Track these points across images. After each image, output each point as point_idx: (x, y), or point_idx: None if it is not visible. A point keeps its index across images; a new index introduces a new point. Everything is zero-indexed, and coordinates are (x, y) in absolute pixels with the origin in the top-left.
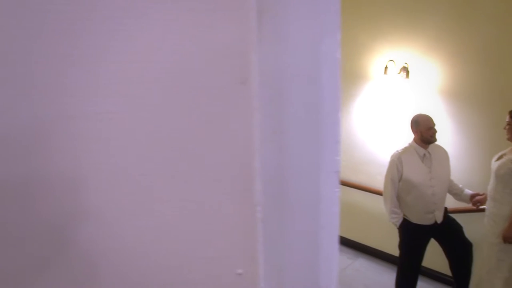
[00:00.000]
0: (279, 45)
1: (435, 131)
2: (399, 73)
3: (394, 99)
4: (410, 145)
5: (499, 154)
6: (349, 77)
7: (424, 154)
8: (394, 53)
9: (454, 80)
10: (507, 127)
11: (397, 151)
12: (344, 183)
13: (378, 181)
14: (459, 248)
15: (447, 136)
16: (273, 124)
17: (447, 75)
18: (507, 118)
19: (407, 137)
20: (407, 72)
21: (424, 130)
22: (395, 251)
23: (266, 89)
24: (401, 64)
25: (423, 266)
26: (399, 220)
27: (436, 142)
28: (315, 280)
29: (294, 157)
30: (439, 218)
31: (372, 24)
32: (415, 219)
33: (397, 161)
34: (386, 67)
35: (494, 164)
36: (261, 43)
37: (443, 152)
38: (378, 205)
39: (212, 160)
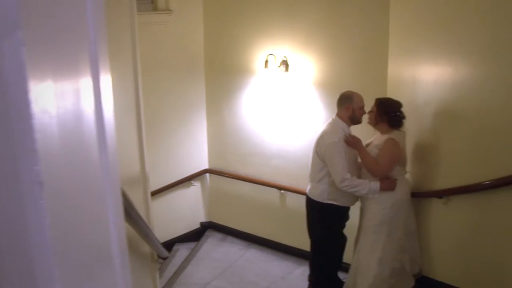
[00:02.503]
0: None
1: (365, 112)
2: (279, 66)
3: (275, 92)
4: (337, 125)
5: (367, 142)
6: (232, 71)
7: (350, 135)
8: (274, 47)
9: (328, 72)
10: (370, 113)
11: (330, 132)
12: (233, 176)
13: (265, 172)
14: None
15: (321, 123)
16: None
17: (321, 68)
18: (373, 105)
19: (291, 127)
20: (287, 65)
21: (356, 107)
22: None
23: None
24: (281, 58)
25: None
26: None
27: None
28: None
29: None
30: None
31: (253, 19)
32: (345, 202)
33: (343, 145)
34: (266, 61)
35: None
36: None
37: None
38: (266, 196)
39: None
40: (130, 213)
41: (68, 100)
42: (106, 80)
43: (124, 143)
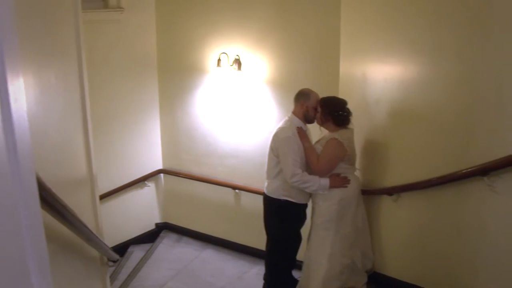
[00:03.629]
0: None
1: (317, 113)
2: (232, 65)
3: (228, 90)
4: (292, 121)
5: (317, 140)
6: (185, 70)
7: (306, 131)
8: (227, 46)
9: (281, 71)
10: (316, 113)
11: (284, 128)
12: (187, 176)
13: (219, 172)
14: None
15: (274, 122)
16: None
17: (274, 66)
18: (318, 105)
19: (244, 126)
20: (239, 64)
21: (310, 106)
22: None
23: None
24: (234, 56)
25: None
26: (315, 183)
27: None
28: None
29: None
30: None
31: (205, 17)
32: (300, 199)
33: (297, 141)
34: (219, 60)
35: None
36: None
37: None
38: (221, 195)
39: None
40: (68, 218)
41: None
42: (17, 83)
43: (67, 144)
